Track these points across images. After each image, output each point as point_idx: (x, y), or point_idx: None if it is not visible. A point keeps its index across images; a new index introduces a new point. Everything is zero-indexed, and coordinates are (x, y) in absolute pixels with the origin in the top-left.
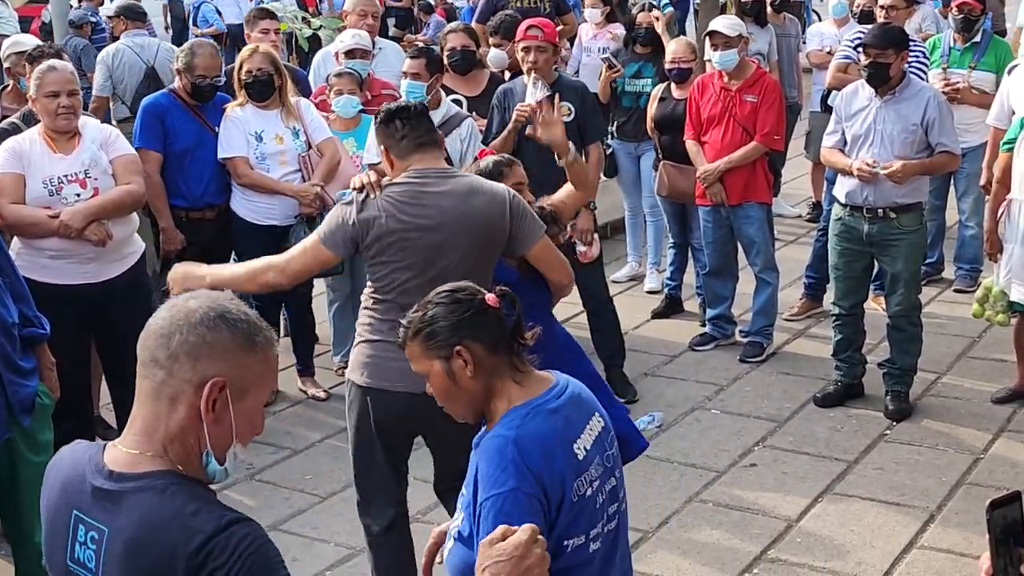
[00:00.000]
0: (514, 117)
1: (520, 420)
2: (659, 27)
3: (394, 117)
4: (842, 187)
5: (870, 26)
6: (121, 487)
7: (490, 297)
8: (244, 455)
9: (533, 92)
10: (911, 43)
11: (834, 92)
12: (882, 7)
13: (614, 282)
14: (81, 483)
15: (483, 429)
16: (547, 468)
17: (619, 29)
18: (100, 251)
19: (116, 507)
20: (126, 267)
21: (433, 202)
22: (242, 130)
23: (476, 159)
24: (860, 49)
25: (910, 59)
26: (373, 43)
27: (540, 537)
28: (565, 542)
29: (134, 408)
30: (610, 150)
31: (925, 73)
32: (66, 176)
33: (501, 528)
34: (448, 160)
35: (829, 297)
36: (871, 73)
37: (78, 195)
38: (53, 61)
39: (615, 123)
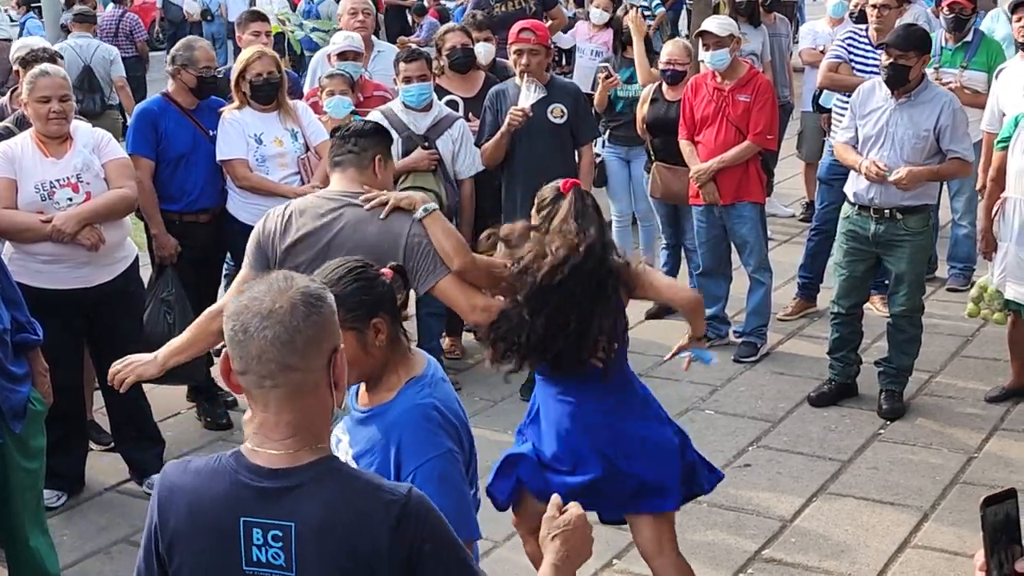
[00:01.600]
0: (507, 121)
1: (429, 388)
2: (630, 23)
3: (336, 136)
4: (851, 186)
5: (863, 26)
6: (291, 482)
7: (387, 272)
8: None
9: (527, 95)
10: None
11: (826, 91)
12: (873, 6)
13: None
14: (239, 491)
15: (360, 404)
16: (462, 427)
17: (611, 36)
18: (93, 255)
19: (294, 500)
20: (119, 271)
21: (319, 223)
22: (241, 132)
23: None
24: (882, 48)
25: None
26: (369, 42)
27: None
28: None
29: (264, 416)
30: (599, 159)
31: None
32: (58, 180)
33: (556, 500)
34: (440, 162)
35: (823, 297)
36: (891, 74)
37: (70, 199)
38: (46, 65)
39: (607, 129)
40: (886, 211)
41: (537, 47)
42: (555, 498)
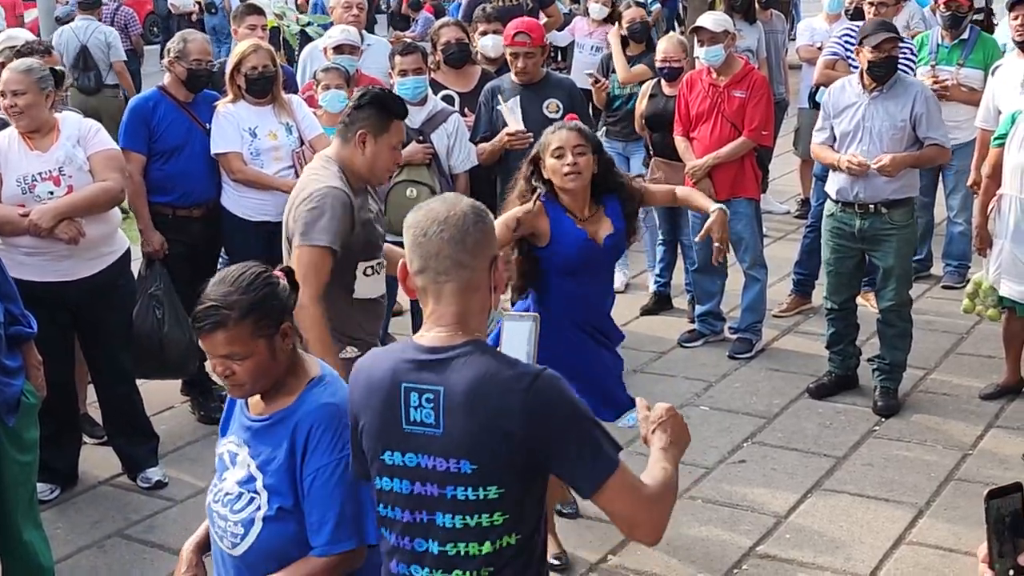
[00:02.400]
0: (505, 141)
1: (334, 387)
2: (612, 41)
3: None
4: (833, 183)
5: (860, 23)
6: (445, 356)
7: (279, 274)
8: None
9: (513, 118)
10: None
11: (822, 88)
12: (871, 3)
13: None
14: (403, 363)
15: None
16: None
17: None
18: (75, 249)
19: (445, 370)
20: (104, 265)
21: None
22: (235, 126)
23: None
24: (870, 49)
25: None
26: (361, 36)
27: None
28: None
29: (436, 308)
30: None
31: (913, 70)
32: (39, 174)
33: (642, 401)
34: (435, 155)
35: (818, 293)
36: (884, 68)
37: (51, 193)
38: (17, 61)
39: (604, 124)
40: (871, 206)
41: (532, 49)
42: (640, 400)
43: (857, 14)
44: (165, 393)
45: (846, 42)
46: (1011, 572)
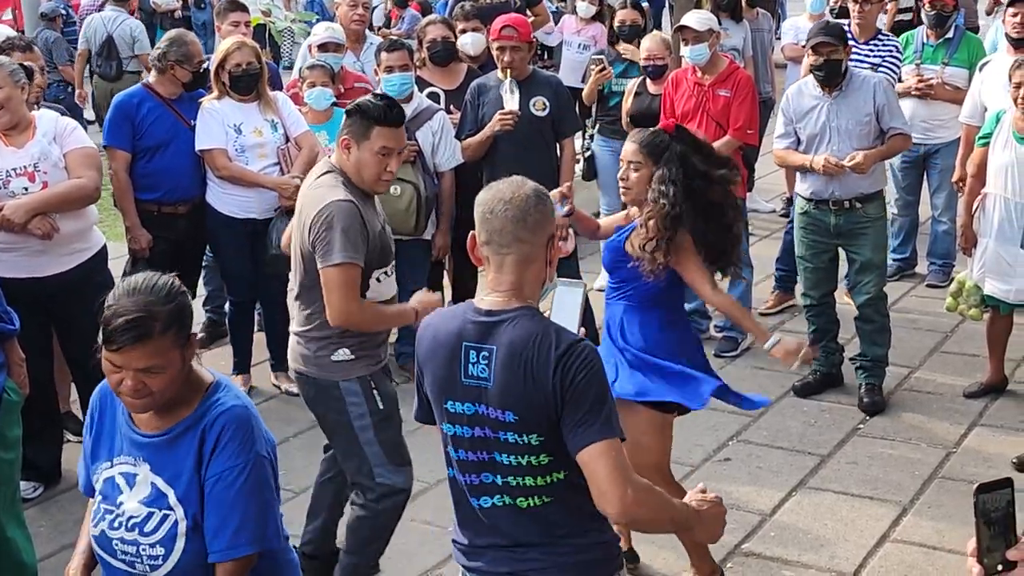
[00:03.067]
0: (495, 122)
1: (234, 391)
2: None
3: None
4: (806, 185)
5: (843, 21)
6: (499, 318)
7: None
8: None
9: (511, 97)
10: (885, 39)
11: None
12: (855, 1)
13: (598, 290)
14: (466, 325)
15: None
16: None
17: (599, 29)
18: (48, 245)
19: (498, 331)
20: (78, 262)
21: None
22: (220, 122)
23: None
24: (810, 51)
25: (883, 55)
26: (362, 35)
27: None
28: None
29: (496, 276)
30: (588, 152)
31: (898, 69)
32: (14, 170)
33: (701, 486)
34: (420, 152)
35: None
36: (827, 72)
37: (26, 188)
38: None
39: (596, 123)
40: (845, 202)
41: (519, 44)
42: (701, 485)
43: (842, 13)
44: None
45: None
46: (1000, 567)
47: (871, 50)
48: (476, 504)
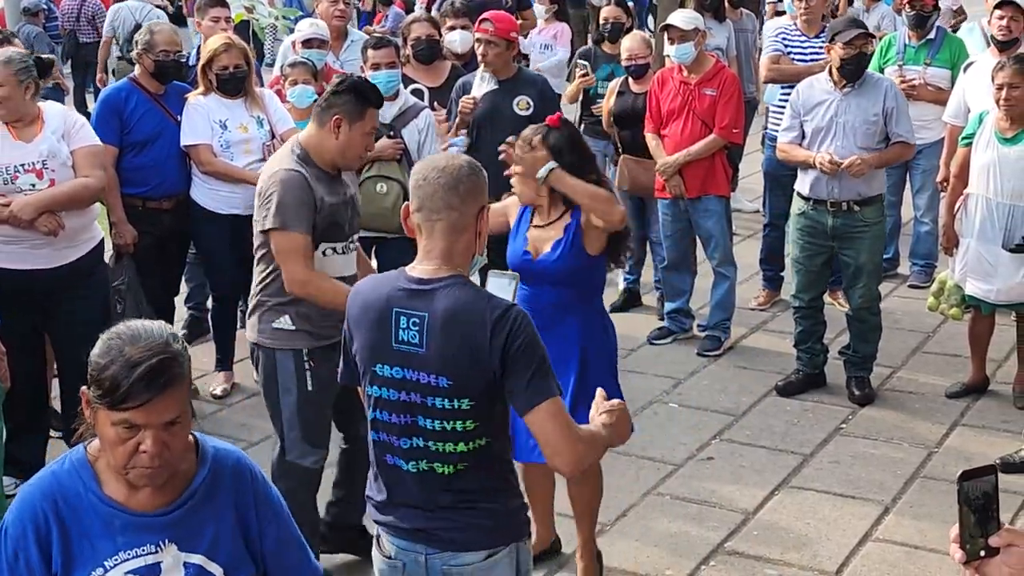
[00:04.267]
0: (460, 108)
1: (203, 435)
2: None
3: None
4: (805, 181)
5: (787, 23)
6: (431, 287)
7: None
8: None
9: (479, 85)
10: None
11: (769, 87)
12: None
13: None
14: (396, 291)
15: None
16: None
17: (560, 28)
18: (52, 239)
19: (430, 299)
20: (81, 253)
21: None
22: (206, 117)
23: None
24: (842, 46)
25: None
26: (343, 31)
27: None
28: None
29: (427, 243)
30: None
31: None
32: (22, 165)
33: (601, 392)
34: (406, 150)
35: (786, 288)
36: (856, 65)
37: (33, 185)
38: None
39: (582, 124)
40: (843, 204)
41: (495, 39)
42: (600, 391)
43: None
44: None
45: (783, 39)
46: (982, 553)
47: (823, 44)
48: (394, 463)
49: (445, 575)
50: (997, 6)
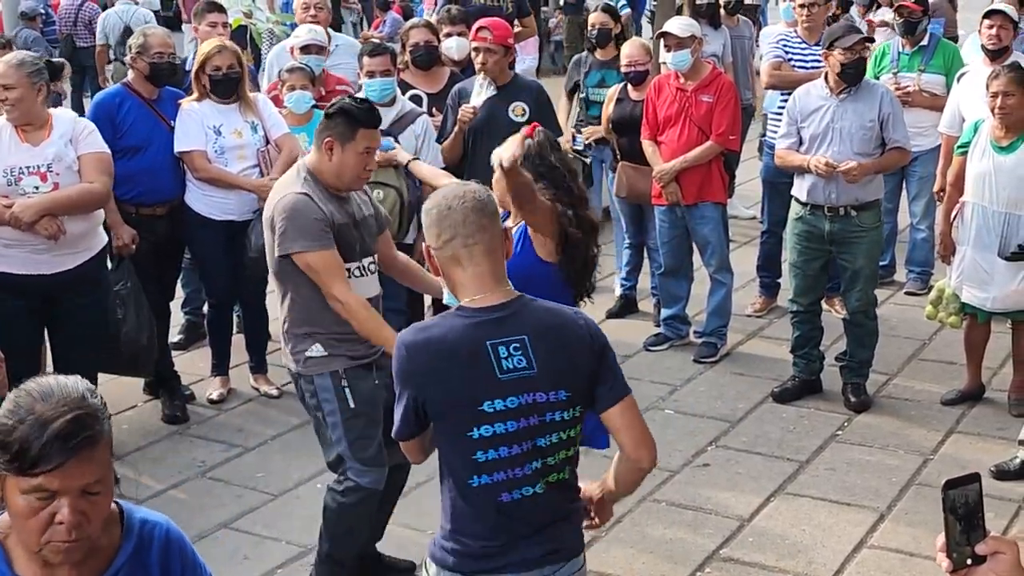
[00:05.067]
0: (459, 117)
1: (130, 505)
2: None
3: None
4: (802, 186)
5: (787, 31)
6: (511, 311)
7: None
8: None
9: (479, 93)
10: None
11: (769, 94)
12: (802, 5)
13: None
14: (475, 327)
15: None
16: None
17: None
18: (53, 244)
19: (518, 322)
20: (82, 260)
21: None
22: (200, 123)
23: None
24: (842, 51)
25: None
26: (328, 36)
27: None
28: None
29: (472, 270)
30: (589, 159)
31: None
32: (27, 168)
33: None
34: None
35: (782, 296)
36: (859, 70)
37: (36, 188)
38: (11, 54)
39: (579, 131)
40: (840, 209)
41: (493, 46)
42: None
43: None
44: (127, 393)
45: (784, 46)
46: (969, 561)
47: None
48: (510, 499)
49: None
50: (986, 15)
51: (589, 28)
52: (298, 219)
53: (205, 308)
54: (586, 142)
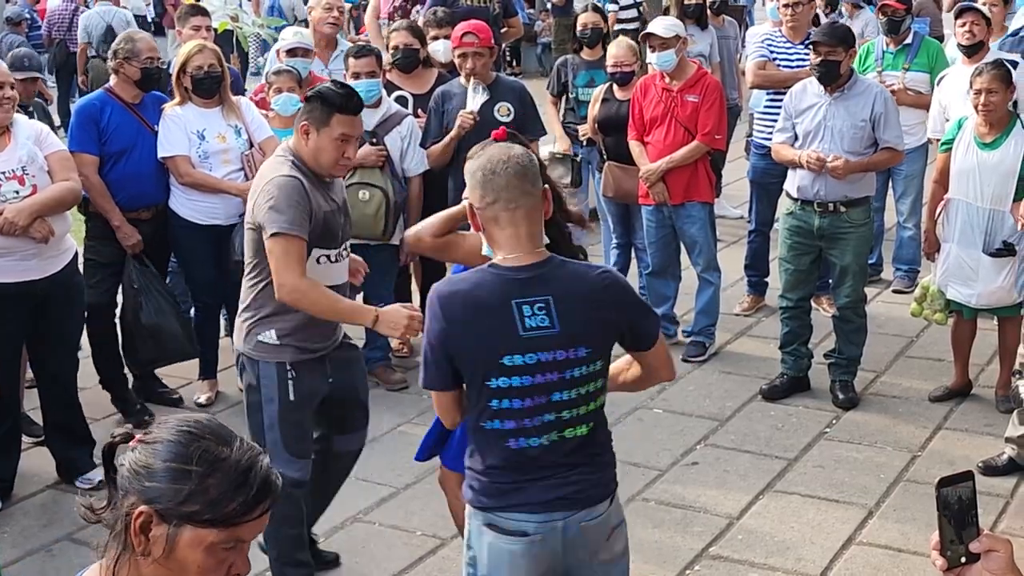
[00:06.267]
0: (457, 124)
1: None
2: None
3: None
4: (793, 182)
5: (770, 31)
6: (540, 272)
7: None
8: None
9: (473, 98)
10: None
11: (755, 93)
12: (786, 5)
13: None
14: (505, 284)
15: None
16: None
17: None
18: (41, 247)
19: (545, 283)
20: (64, 263)
21: None
22: (183, 128)
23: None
24: (810, 47)
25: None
26: (333, 40)
27: None
28: None
29: (511, 231)
30: (579, 157)
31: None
32: (3, 173)
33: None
34: (388, 158)
35: (770, 296)
36: (823, 71)
37: (16, 192)
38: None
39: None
40: (830, 205)
41: (481, 49)
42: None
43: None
44: (105, 401)
45: (768, 45)
46: (963, 559)
47: (807, 51)
48: (518, 446)
49: (582, 532)
50: (958, 14)
51: (580, 28)
52: (283, 200)
53: (192, 312)
54: (583, 138)
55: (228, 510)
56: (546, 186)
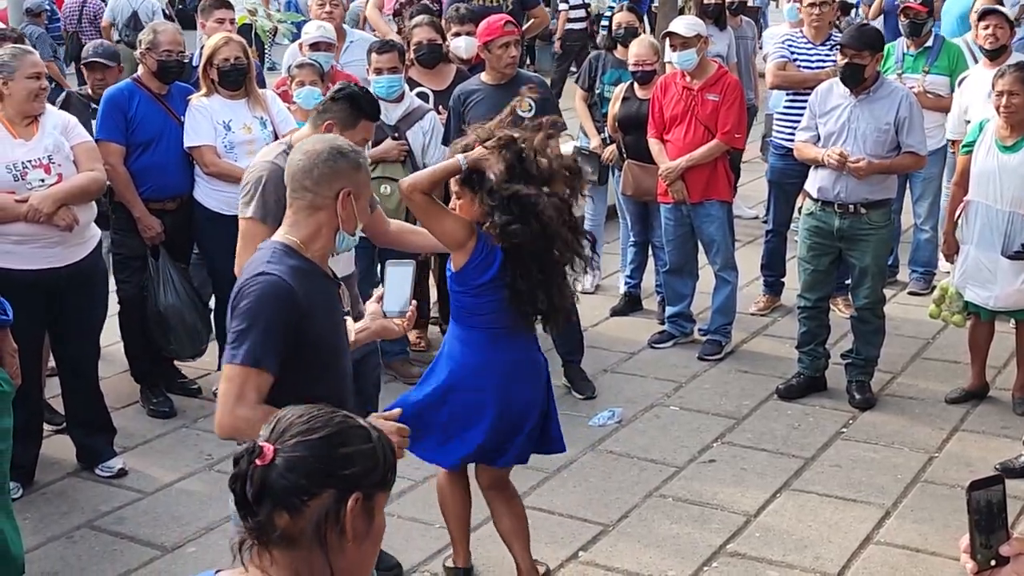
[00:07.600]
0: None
1: None
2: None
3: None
4: (814, 182)
5: (792, 31)
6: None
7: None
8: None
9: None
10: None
11: (775, 93)
12: (811, 4)
13: (582, 292)
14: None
15: None
16: None
17: None
18: (65, 235)
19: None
20: (88, 251)
21: None
22: (209, 119)
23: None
24: (837, 49)
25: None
26: (340, 31)
27: None
28: None
29: (292, 216)
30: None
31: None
32: (30, 161)
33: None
34: (410, 152)
35: (787, 296)
36: (846, 74)
37: (42, 180)
38: (27, 46)
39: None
40: (850, 206)
41: (519, 39)
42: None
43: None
44: (133, 387)
45: (789, 46)
46: (993, 562)
47: (828, 52)
48: None
49: None
50: (981, 17)
51: (615, 27)
52: (268, 187)
53: (212, 302)
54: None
55: (391, 464)
56: (348, 190)
